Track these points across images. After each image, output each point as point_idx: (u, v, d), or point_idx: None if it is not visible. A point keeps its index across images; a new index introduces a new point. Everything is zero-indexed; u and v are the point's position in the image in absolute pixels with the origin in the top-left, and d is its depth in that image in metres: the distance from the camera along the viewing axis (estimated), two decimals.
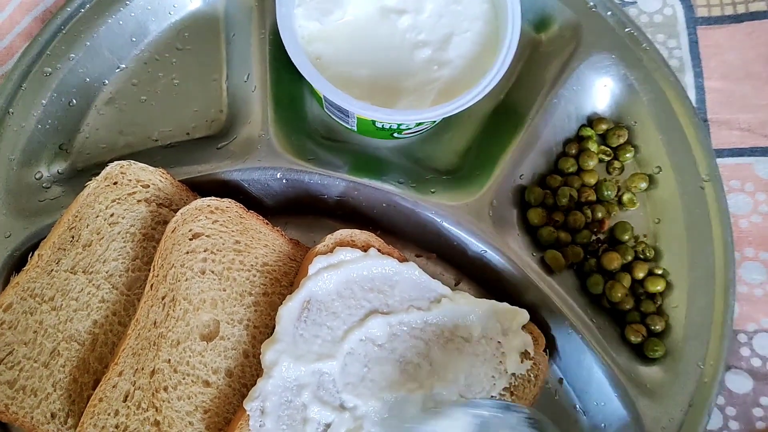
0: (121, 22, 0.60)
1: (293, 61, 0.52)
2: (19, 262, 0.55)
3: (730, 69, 0.65)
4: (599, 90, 0.63)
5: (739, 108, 0.64)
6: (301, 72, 0.52)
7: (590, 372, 0.57)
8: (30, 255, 0.52)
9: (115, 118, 0.61)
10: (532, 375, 0.56)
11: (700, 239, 0.58)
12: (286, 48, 0.53)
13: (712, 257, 0.58)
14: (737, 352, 0.59)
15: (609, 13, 0.63)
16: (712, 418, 0.56)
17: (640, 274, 0.59)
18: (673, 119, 0.61)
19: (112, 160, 0.55)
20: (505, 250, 0.57)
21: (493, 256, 0.57)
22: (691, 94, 0.64)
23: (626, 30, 0.62)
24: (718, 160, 0.60)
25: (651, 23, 0.66)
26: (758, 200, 0.62)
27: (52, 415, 0.50)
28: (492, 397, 0.55)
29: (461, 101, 0.53)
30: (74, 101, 0.60)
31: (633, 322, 0.58)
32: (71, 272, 0.52)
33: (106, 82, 0.62)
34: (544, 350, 0.57)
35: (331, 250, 0.54)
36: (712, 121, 0.64)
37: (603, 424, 0.57)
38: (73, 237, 0.53)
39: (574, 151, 0.62)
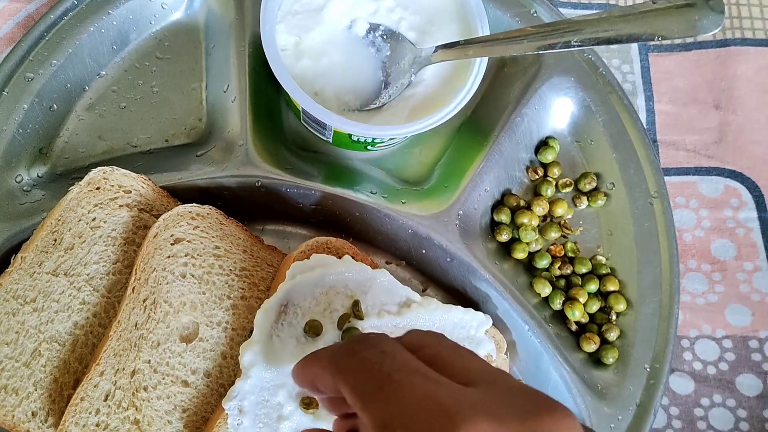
0: (103, 30, 0.62)
1: (275, 75, 0.55)
2: (0, 263, 0.55)
3: (678, 94, 0.70)
4: (559, 110, 0.67)
5: (685, 130, 0.69)
6: (283, 86, 0.55)
7: (547, 374, 0.61)
8: (13, 257, 0.53)
9: (95, 123, 0.62)
10: None
11: (648, 251, 0.63)
12: (268, 62, 0.55)
13: (659, 268, 0.62)
14: (680, 356, 0.64)
15: None
16: (657, 417, 0.60)
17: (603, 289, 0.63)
18: (625, 139, 0.65)
19: (91, 165, 0.57)
20: (470, 259, 0.61)
21: (459, 264, 0.61)
22: (642, 117, 0.69)
23: (584, 55, 0.67)
24: (666, 178, 0.65)
25: (607, 49, 0.71)
26: (701, 216, 0.67)
27: (33, 414, 0.51)
28: None
29: (434, 118, 0.56)
30: (55, 106, 0.61)
31: (588, 332, 0.62)
32: (53, 274, 0.54)
33: (87, 88, 0.63)
34: (505, 353, 0.61)
35: (308, 256, 0.57)
36: (661, 142, 0.69)
37: None
38: (55, 240, 0.54)
39: (537, 176, 0.66)
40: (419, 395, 0.31)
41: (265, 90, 0.62)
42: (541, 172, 0.66)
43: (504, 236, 0.64)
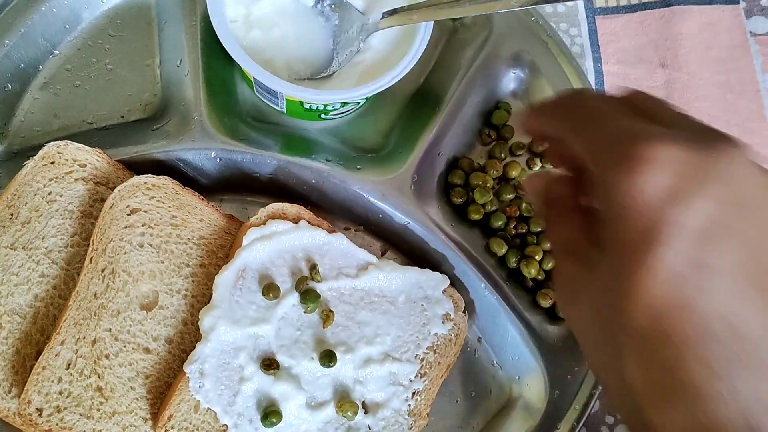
0: (54, 10, 0.62)
1: (224, 45, 0.56)
2: None
3: (625, 54, 0.72)
4: (510, 74, 0.68)
5: None
6: (231, 55, 0.55)
7: (505, 330, 0.62)
8: None
9: (50, 102, 0.63)
10: (453, 334, 0.61)
11: None
12: (216, 33, 0.56)
13: None
14: None
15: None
16: None
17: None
18: None
19: (48, 143, 0.57)
20: (426, 222, 0.62)
21: (416, 227, 0.62)
22: (591, 78, 0.71)
23: (532, 19, 0.68)
24: None
25: (555, 13, 0.73)
26: None
27: None
28: (416, 355, 0.59)
29: (382, 81, 0.57)
30: (9, 86, 0.61)
31: (544, 288, 0.64)
32: (11, 248, 0.54)
33: (41, 67, 0.63)
34: (464, 312, 0.62)
35: (264, 222, 0.58)
36: None
37: (517, 377, 0.63)
38: (12, 215, 0.55)
39: (490, 139, 0.68)
40: (621, 125, 0.39)
41: (218, 63, 0.63)
42: (494, 136, 0.68)
43: (458, 199, 0.65)
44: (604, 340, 0.40)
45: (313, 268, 0.58)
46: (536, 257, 0.63)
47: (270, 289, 0.56)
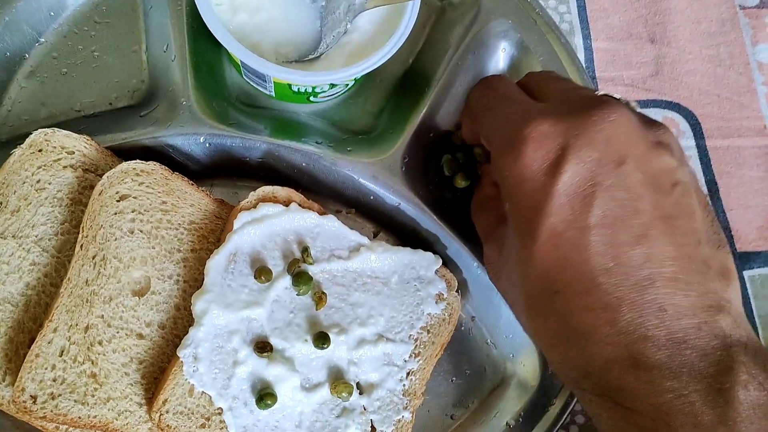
0: None
1: (209, 28, 0.55)
2: None
3: (615, 30, 0.72)
4: (499, 52, 0.68)
5: (623, 65, 0.71)
6: (217, 37, 0.55)
7: (499, 309, 0.62)
8: None
9: (37, 90, 0.62)
10: (446, 314, 0.61)
11: None
12: (201, 15, 0.55)
13: None
14: None
15: None
16: None
17: None
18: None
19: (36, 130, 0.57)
20: (418, 202, 0.62)
21: (408, 208, 0.62)
22: (581, 55, 0.71)
23: None
24: None
25: None
26: None
27: None
28: (410, 335, 0.60)
29: (370, 61, 0.57)
30: None
31: None
32: (1, 237, 0.54)
33: (27, 56, 0.63)
34: (457, 291, 0.62)
35: (255, 206, 0.58)
36: (600, 79, 0.71)
37: (511, 355, 0.63)
38: (0, 203, 0.55)
39: None
40: (507, 111, 0.47)
41: (205, 47, 0.63)
42: None
43: (453, 176, 0.64)
44: (515, 304, 0.48)
45: (305, 250, 0.58)
46: None
47: (262, 273, 0.56)
